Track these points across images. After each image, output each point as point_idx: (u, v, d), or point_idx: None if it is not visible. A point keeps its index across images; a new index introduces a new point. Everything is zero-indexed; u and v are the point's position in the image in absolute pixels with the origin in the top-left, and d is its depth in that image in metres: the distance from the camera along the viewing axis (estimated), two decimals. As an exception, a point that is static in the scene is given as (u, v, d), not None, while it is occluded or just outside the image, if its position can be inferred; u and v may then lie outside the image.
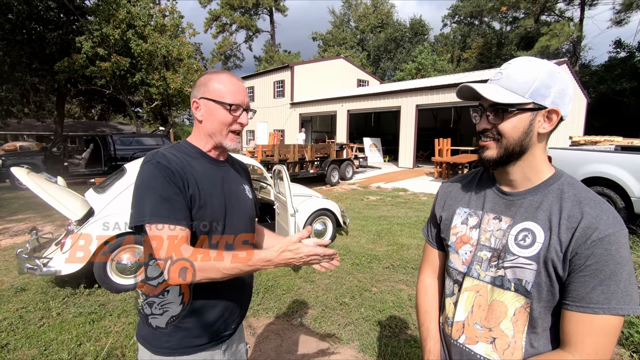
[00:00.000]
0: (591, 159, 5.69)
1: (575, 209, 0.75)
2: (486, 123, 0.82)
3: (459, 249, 0.91)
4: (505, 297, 0.81)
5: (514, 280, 0.79)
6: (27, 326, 2.76)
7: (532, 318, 0.78)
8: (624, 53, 25.86)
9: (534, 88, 0.76)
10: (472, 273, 0.87)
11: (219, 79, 1.04)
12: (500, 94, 0.77)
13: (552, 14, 28.23)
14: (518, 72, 0.78)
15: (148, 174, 0.94)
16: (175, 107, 19.29)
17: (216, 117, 1.04)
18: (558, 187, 0.80)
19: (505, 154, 0.80)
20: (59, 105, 18.31)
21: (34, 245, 3.54)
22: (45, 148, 12.08)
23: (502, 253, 0.81)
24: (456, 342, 0.89)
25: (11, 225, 6.12)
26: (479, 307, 0.85)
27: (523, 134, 0.78)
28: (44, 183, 3.39)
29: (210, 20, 38.81)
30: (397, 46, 41.45)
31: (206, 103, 1.04)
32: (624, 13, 23.58)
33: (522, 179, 0.83)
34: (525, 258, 0.77)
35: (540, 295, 0.76)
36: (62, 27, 15.16)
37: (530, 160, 0.81)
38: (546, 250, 0.75)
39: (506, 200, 0.85)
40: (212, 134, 1.06)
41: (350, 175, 12.27)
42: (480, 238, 0.87)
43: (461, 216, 0.93)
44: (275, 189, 4.38)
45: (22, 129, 24.51)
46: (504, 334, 0.81)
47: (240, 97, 1.05)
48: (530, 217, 0.79)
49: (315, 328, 2.80)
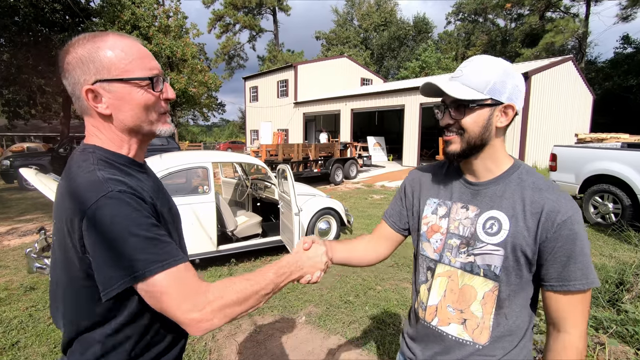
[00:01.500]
0: (597, 156, 5.64)
1: (536, 195, 0.81)
2: (449, 118, 0.87)
3: (430, 238, 0.96)
4: (474, 281, 0.86)
5: (483, 266, 0.84)
6: (37, 324, 2.82)
7: (499, 300, 0.84)
8: (631, 49, 25.55)
9: (492, 85, 0.81)
10: (443, 260, 0.92)
11: (110, 45, 0.73)
12: (462, 91, 0.82)
13: (558, 10, 27.96)
14: (477, 70, 0.83)
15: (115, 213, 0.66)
16: (179, 107, 19.38)
17: (133, 101, 0.75)
18: (518, 176, 0.86)
19: (467, 147, 0.85)
20: (65, 106, 18.45)
21: (42, 244, 3.59)
22: (52, 149, 12.22)
23: (471, 240, 0.87)
24: (429, 324, 0.94)
25: (20, 225, 6.21)
26: (451, 291, 0.90)
27: (483, 128, 0.84)
28: (51, 183, 3.44)
29: (214, 21, 38.96)
30: (400, 44, 41.31)
31: (109, 87, 0.73)
32: (630, 9, 23.30)
33: (484, 170, 0.89)
34: (493, 245, 0.83)
35: (509, 278, 0.83)
36: (68, 29, 15.28)
37: (490, 153, 0.87)
38: (513, 237, 0.81)
39: (472, 190, 0.91)
40: (135, 127, 0.78)
41: (355, 174, 12.27)
42: (450, 226, 0.92)
43: (431, 206, 0.98)
44: (279, 188, 4.40)
45: (29, 131, 24.77)
46: (474, 315, 0.86)
47: (152, 62, 0.78)
48: (495, 205, 0.85)
49: (320, 326, 2.82)
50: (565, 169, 6.08)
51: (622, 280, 3.03)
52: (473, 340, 0.87)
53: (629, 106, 24.51)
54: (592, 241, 4.85)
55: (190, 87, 15.61)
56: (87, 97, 0.73)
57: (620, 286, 2.98)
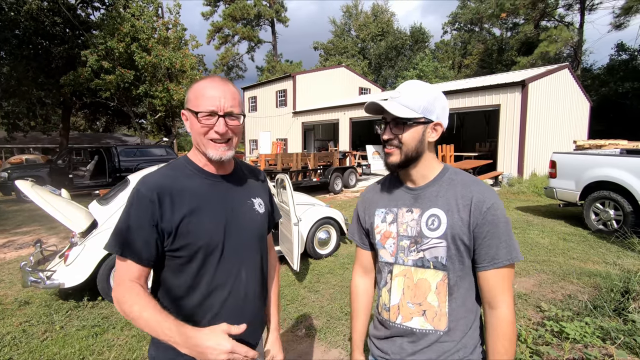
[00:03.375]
0: (597, 163, 5.64)
1: (465, 190, 0.95)
2: (389, 134, 0.99)
3: (384, 244, 1.05)
4: (427, 274, 0.97)
5: (431, 259, 0.96)
6: (30, 340, 2.75)
7: (449, 287, 0.96)
8: (626, 55, 25.83)
9: (424, 106, 0.95)
10: (398, 261, 1.02)
11: (196, 87, 0.98)
12: (401, 110, 0.95)
13: (552, 19, 28.34)
14: (412, 93, 0.96)
15: (128, 201, 0.94)
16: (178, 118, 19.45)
17: (194, 127, 0.98)
18: (448, 177, 1.01)
19: (405, 159, 0.98)
20: (65, 118, 18.53)
21: (38, 258, 3.54)
22: (50, 160, 12.19)
23: (419, 238, 0.98)
24: (394, 323, 1.02)
25: (16, 237, 6.14)
26: (408, 288, 1.00)
27: (418, 142, 0.97)
28: (47, 195, 3.40)
29: (213, 32, 39.35)
30: (398, 54, 41.71)
31: (188, 114, 0.99)
32: (623, 17, 23.61)
33: (421, 177, 1.02)
34: (436, 238, 0.95)
35: (454, 266, 0.95)
36: (68, 41, 15.42)
37: (424, 162, 1.01)
38: (451, 228, 0.93)
39: (413, 194, 1.03)
40: (197, 145, 1.00)
41: (354, 183, 12.25)
42: (399, 230, 1.02)
43: (380, 216, 1.08)
44: (278, 198, 4.36)
45: (28, 142, 24.78)
46: (431, 305, 0.97)
47: (213, 103, 0.94)
48: (434, 204, 0.98)
49: (321, 339, 2.76)
50: (565, 175, 6.06)
51: (628, 288, 2.98)
52: (434, 328, 0.96)
53: (626, 112, 24.64)
54: (595, 248, 4.80)
55: (190, 97, 15.70)
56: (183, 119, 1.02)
57: (625, 295, 2.93)
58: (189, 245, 0.94)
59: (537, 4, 26.03)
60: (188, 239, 0.94)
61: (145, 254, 0.92)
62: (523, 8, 26.85)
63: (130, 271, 0.92)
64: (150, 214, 0.91)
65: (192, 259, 0.96)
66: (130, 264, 0.91)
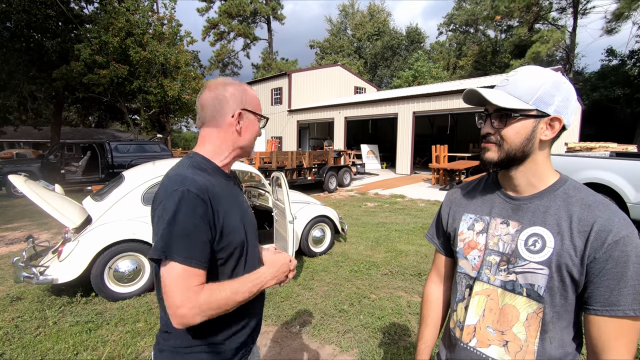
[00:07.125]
0: (587, 165, 5.75)
1: (586, 212, 0.76)
2: (490, 128, 0.83)
3: (467, 255, 0.92)
4: (517, 301, 0.81)
5: (525, 285, 0.79)
6: (23, 336, 2.74)
7: (544, 323, 0.78)
8: (616, 61, 26.23)
9: (538, 95, 0.77)
10: (482, 277, 0.88)
11: (250, 92, 1.03)
12: (505, 99, 0.79)
13: (546, 22, 28.66)
14: (524, 79, 0.80)
15: (177, 204, 0.84)
16: (172, 114, 19.30)
17: (254, 129, 1.04)
18: (564, 191, 0.81)
19: (506, 158, 0.82)
20: (57, 112, 18.29)
21: (30, 253, 3.51)
22: (42, 155, 12.04)
23: (512, 258, 0.82)
24: (466, 345, 0.89)
25: (7, 233, 6.07)
26: (490, 311, 0.85)
27: (525, 139, 0.80)
28: (41, 191, 3.38)
29: (208, 28, 39.07)
30: (393, 54, 41.84)
31: (247, 115, 1.02)
32: (614, 23, 23.97)
33: (526, 185, 0.85)
34: (536, 263, 0.78)
35: (553, 300, 0.77)
36: (61, 35, 15.22)
37: (532, 166, 0.83)
38: (558, 255, 0.75)
39: (513, 204, 0.86)
40: (245, 147, 1.04)
41: (348, 182, 12.29)
42: (488, 243, 0.87)
43: (467, 222, 0.94)
44: (273, 196, 4.38)
45: (19, 137, 24.42)
46: (517, 337, 0.81)
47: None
48: (539, 222, 0.80)
49: (314, 335, 2.79)
50: (555, 177, 6.16)
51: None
52: None
53: (615, 117, 25.06)
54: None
55: (184, 93, 15.55)
56: (231, 118, 1.00)
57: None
58: (229, 246, 0.95)
59: (532, 7, 26.30)
60: (229, 239, 0.94)
61: (206, 256, 0.88)
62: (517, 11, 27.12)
63: (197, 278, 0.85)
64: (205, 214, 0.88)
65: (228, 259, 0.96)
66: (193, 271, 0.84)
